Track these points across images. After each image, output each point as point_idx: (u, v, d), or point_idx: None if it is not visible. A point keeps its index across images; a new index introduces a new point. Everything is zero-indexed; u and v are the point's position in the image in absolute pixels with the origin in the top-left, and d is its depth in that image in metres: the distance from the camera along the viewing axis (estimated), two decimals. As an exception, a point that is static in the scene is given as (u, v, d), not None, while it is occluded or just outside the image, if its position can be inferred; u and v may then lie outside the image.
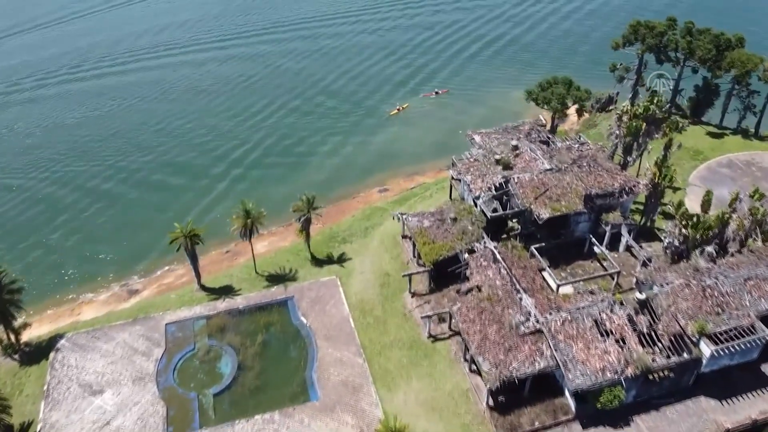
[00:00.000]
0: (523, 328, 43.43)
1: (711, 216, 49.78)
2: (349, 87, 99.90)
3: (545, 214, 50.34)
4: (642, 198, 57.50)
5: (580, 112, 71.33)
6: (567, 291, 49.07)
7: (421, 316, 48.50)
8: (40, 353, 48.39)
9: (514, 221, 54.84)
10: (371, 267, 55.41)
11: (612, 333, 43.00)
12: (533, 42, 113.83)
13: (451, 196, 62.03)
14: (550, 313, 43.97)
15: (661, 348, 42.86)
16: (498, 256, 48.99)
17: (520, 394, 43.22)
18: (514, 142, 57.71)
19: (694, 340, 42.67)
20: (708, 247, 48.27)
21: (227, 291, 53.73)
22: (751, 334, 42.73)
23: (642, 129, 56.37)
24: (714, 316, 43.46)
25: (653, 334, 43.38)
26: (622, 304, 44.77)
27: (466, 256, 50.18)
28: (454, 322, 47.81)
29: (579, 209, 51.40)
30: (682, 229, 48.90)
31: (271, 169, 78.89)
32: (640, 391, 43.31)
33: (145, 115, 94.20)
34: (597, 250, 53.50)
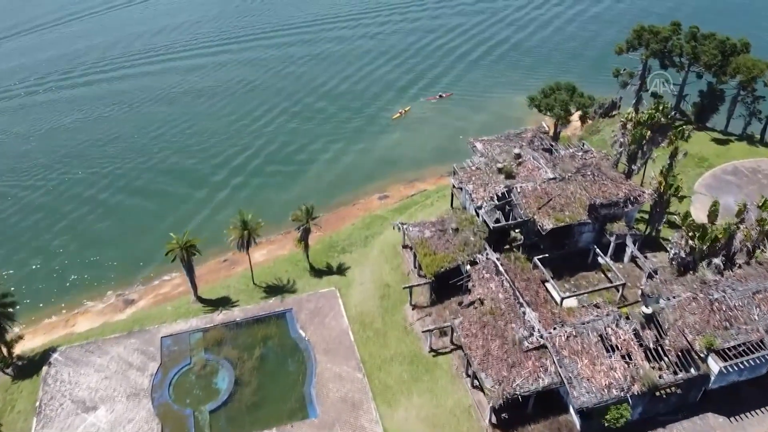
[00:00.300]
0: (526, 344, 42.47)
1: (718, 227, 48.68)
2: (350, 92, 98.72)
3: (549, 224, 49.26)
4: (647, 206, 56.44)
5: (584, 119, 70.24)
6: (571, 304, 48.10)
7: (422, 330, 47.47)
8: (33, 367, 47.45)
9: (517, 231, 53.79)
10: (371, 278, 54.41)
11: (618, 348, 42.00)
12: (535, 46, 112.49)
13: (452, 204, 61.04)
14: (554, 328, 42.98)
15: (668, 364, 41.84)
16: (501, 268, 48.00)
17: (523, 411, 42.18)
18: (516, 150, 56.70)
19: (701, 355, 41.64)
20: (715, 259, 47.25)
21: (224, 303, 52.76)
22: (761, 349, 41.63)
23: (647, 137, 55.34)
24: (722, 330, 42.41)
25: (660, 349, 42.36)
26: (628, 318, 43.79)
27: (468, 267, 49.20)
28: (455, 336, 46.81)
29: (583, 219, 50.36)
30: (689, 240, 47.89)
31: (270, 175, 77.87)
32: (646, 408, 42.28)
33: (144, 120, 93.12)
34: (601, 260, 52.46)
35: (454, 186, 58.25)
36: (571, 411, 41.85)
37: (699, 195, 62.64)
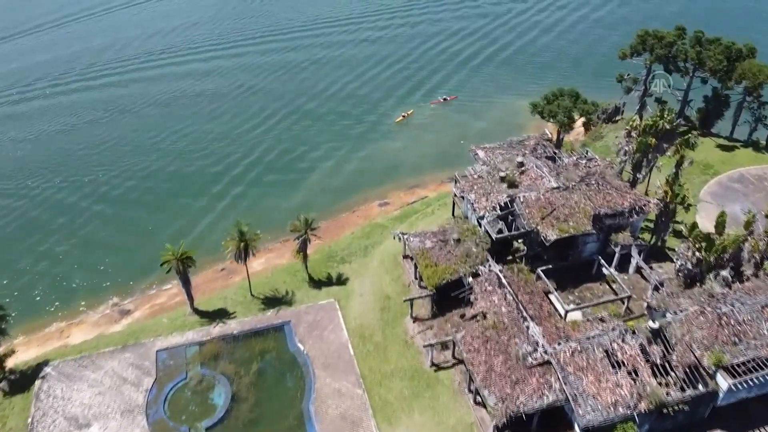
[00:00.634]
0: (530, 359, 41.43)
1: (726, 238, 47.63)
2: (351, 97, 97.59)
3: (552, 235, 48.26)
4: (652, 216, 55.41)
5: (588, 126, 69.24)
6: (576, 317, 47.15)
7: (424, 345, 46.38)
8: (26, 382, 46.37)
9: (520, 242, 52.77)
10: (371, 289, 53.36)
11: (624, 364, 40.90)
12: (537, 51, 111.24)
13: (453, 213, 60.05)
14: (559, 343, 41.89)
15: (675, 380, 40.80)
16: (503, 281, 46.95)
17: (527, 429, 41.04)
18: (519, 158, 55.71)
19: (710, 372, 40.61)
20: (723, 272, 46.25)
21: (221, 315, 51.69)
22: (771, 366, 40.62)
23: (652, 145, 54.30)
24: (731, 346, 41.31)
25: (667, 365, 41.32)
26: (634, 332, 42.72)
27: (470, 279, 48.16)
28: (457, 351, 45.75)
29: (587, 230, 49.34)
30: (696, 252, 46.87)
31: (270, 182, 76.82)
32: (653, 426, 41.19)
33: (143, 125, 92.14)
34: (606, 271, 51.47)
35: (456, 195, 57.25)
36: (576, 429, 40.65)
37: (704, 203, 61.64)
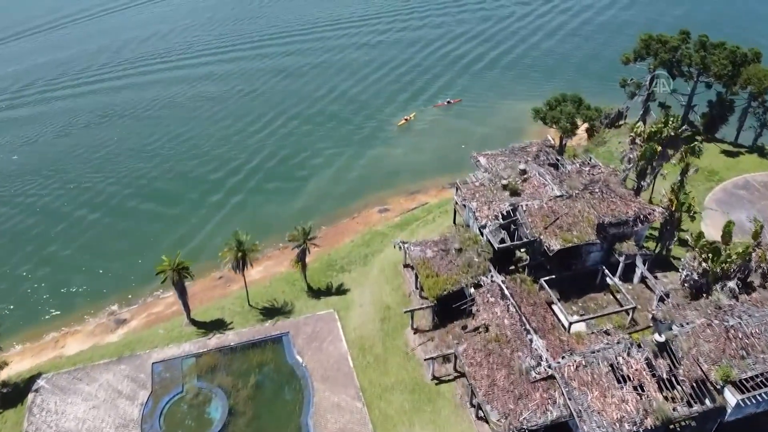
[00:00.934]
0: (534, 374, 40.53)
1: (733, 247, 46.70)
2: (351, 101, 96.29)
3: (556, 245, 47.35)
4: (657, 223, 54.49)
5: (591, 132, 68.32)
6: (580, 328, 46.33)
7: (425, 358, 45.45)
8: (19, 395, 45.43)
9: (522, 251, 51.87)
10: (371, 299, 52.44)
11: (630, 379, 40.02)
12: (538, 55, 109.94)
13: (455, 220, 59.13)
14: (563, 357, 41.03)
15: (682, 395, 39.91)
16: (506, 292, 46.03)
17: (531, 445, 40.24)
18: (521, 165, 54.80)
19: (717, 387, 39.68)
20: (730, 283, 45.30)
21: (218, 326, 50.75)
22: (780, 381, 39.68)
23: (657, 152, 53.41)
24: (738, 360, 40.38)
25: (673, 379, 40.42)
26: (639, 346, 41.83)
27: (472, 290, 47.25)
28: (459, 364, 44.84)
29: (591, 240, 48.46)
30: (702, 262, 45.95)
31: (269, 187, 75.64)
32: (659, 442, 40.33)
33: (139, 130, 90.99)
34: (610, 281, 50.58)
35: (457, 202, 56.36)
36: (581, 445, 39.90)
37: (709, 210, 60.75)
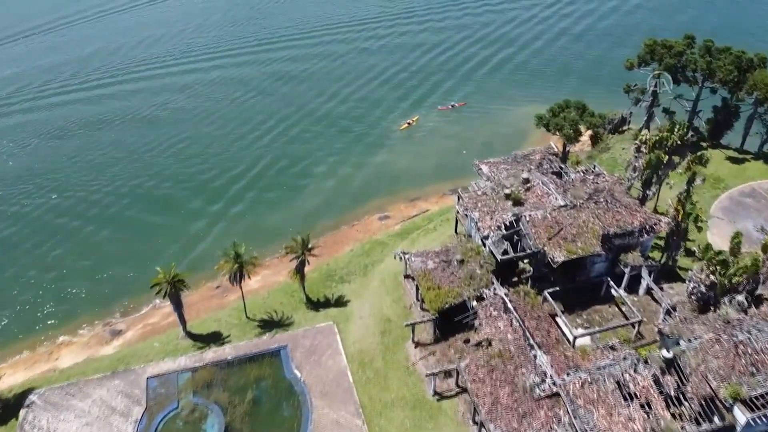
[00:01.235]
0: (538, 391, 39.46)
1: (741, 259, 45.60)
2: (350, 107, 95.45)
3: (560, 257, 46.30)
4: (663, 233, 53.38)
5: (595, 140, 67.26)
6: (585, 341, 45.32)
7: (426, 374, 44.32)
8: (10, 411, 44.46)
9: (526, 262, 50.79)
10: (371, 311, 51.34)
11: (636, 396, 38.90)
12: (540, 59, 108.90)
13: (456, 230, 58.10)
14: (568, 374, 39.88)
15: (690, 412, 38.84)
16: (509, 305, 44.96)
17: (535, 465, 39.15)
18: (524, 174, 53.72)
19: (727, 405, 38.61)
20: (739, 296, 44.21)
21: (215, 339, 49.68)
22: (791, 399, 38.59)
23: (663, 161, 52.35)
24: (748, 377, 39.29)
25: (681, 396, 39.35)
26: (646, 362, 40.75)
27: (474, 304, 46.17)
28: (461, 379, 43.76)
29: (596, 251, 47.37)
30: (710, 275, 44.86)
31: (267, 194, 74.80)
32: (667, 462, 39.20)
33: (136, 135, 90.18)
34: (615, 293, 49.54)
35: (459, 212, 55.32)
36: (587, 466, 38.80)
37: (715, 219, 59.67)
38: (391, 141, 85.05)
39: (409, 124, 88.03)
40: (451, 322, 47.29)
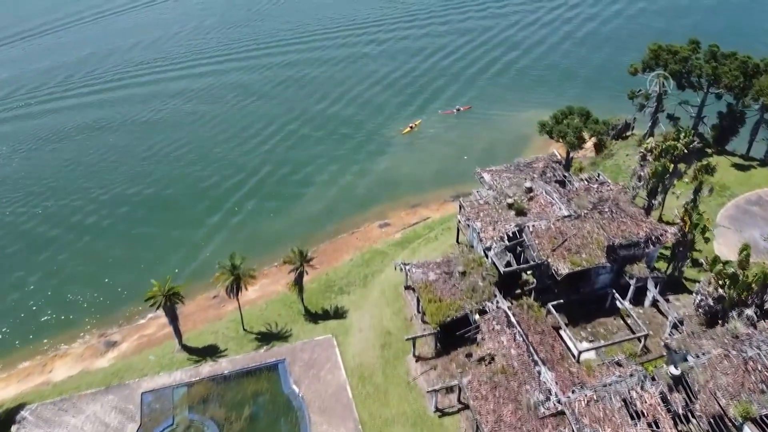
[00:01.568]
0: (542, 410, 38.35)
1: (750, 272, 44.52)
2: (352, 112, 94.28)
3: (564, 269, 45.30)
4: (668, 243, 52.29)
5: (599, 147, 66.20)
6: (589, 355, 44.34)
7: (427, 390, 43.26)
8: (1, 427, 43.32)
9: (529, 273, 49.74)
10: (371, 323, 50.27)
11: (644, 415, 37.83)
12: (542, 64, 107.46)
13: (458, 239, 57.05)
14: (573, 391, 38.81)
15: (698, 430, 37.81)
16: (512, 319, 43.91)
17: (539, 485, 38.11)
18: (527, 183, 52.70)
19: (736, 423, 37.56)
20: (748, 310, 43.15)
21: (211, 352, 48.59)
22: (802, 417, 37.56)
23: (669, 169, 51.31)
24: (758, 394, 38.24)
25: (689, 414, 38.31)
26: (653, 379, 39.72)
27: (477, 317, 45.12)
28: (464, 395, 42.70)
29: (601, 263, 46.38)
30: (718, 288, 43.83)
31: (266, 201, 73.69)
32: (675, 482, 38.19)
33: (132, 140, 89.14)
34: (620, 305, 48.51)
35: (461, 221, 54.27)
36: (593, 487, 37.76)
37: (721, 228, 58.60)
38: (392, 146, 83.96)
39: (411, 128, 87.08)
40: (453, 335, 46.26)
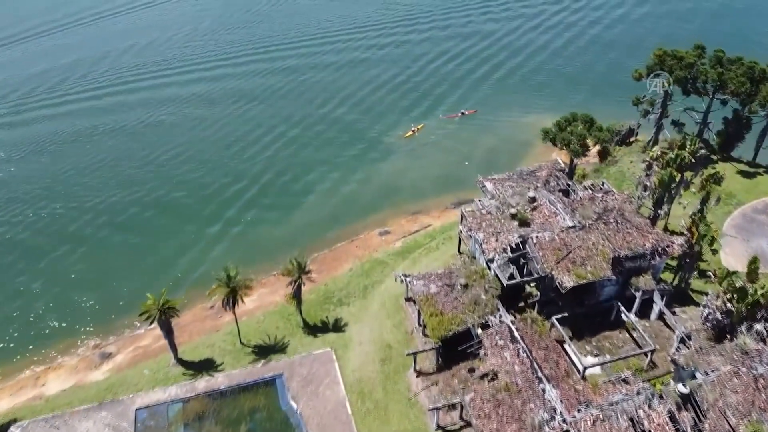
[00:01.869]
0: (547, 429, 37.21)
1: (760, 285, 43.44)
2: (353, 116, 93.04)
3: (569, 282, 44.19)
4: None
5: (603, 155, 65.09)
6: (595, 370, 43.28)
7: (429, 408, 42.19)
8: (-9, 444, 42.44)
9: (533, 286, 48.65)
10: (371, 336, 49.15)
11: (651, 435, 36.85)
12: (546, 69, 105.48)
13: (459, 249, 55.98)
14: (579, 410, 37.69)
15: (708, 451, 36.75)
16: (516, 334, 42.81)
17: (544, 508, 37.03)
18: (531, 192, 51.61)
19: (747, 444, 36.49)
20: (757, 325, 42.05)
21: (207, 366, 47.46)
22: (815, 438, 36.45)
23: (676, 179, 50.22)
24: (769, 413, 37.32)
25: (698, 434, 37.25)
26: (661, 397, 38.61)
27: (480, 332, 44.02)
28: (466, 413, 41.61)
29: (607, 276, 45.28)
30: (726, 302, 42.73)
31: (265, 208, 72.37)
32: (684, 505, 37.08)
33: (129, 146, 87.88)
34: (626, 318, 47.40)
35: (462, 232, 53.17)
36: None
37: (728, 237, 57.47)
38: (393, 152, 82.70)
39: (413, 131, 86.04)
40: (455, 349, 45.16)
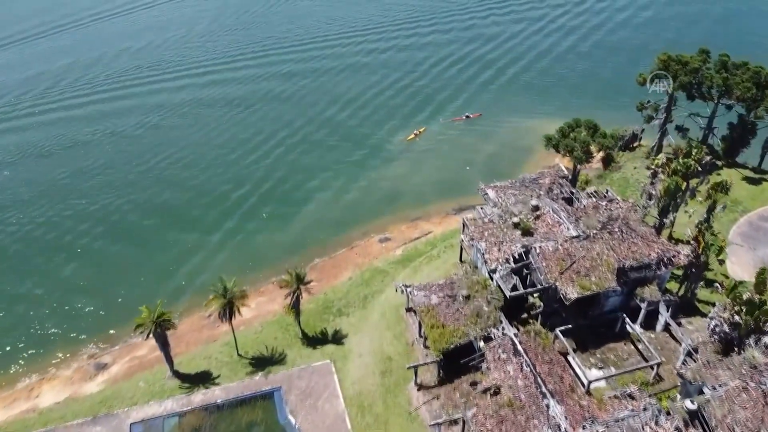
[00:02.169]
0: (552, 447, 36.42)
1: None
2: (354, 120, 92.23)
3: (573, 293, 43.29)
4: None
5: (607, 161, 64.17)
6: (599, 384, 42.37)
7: (430, 424, 41.28)
8: (-18, 460, 41.57)
9: (536, 296, 47.76)
10: (371, 348, 48.23)
11: (658, 452, 35.94)
12: (549, 73, 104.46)
13: (461, 258, 55.07)
14: (584, 427, 36.80)
15: (716, 469, 35.84)
16: (519, 348, 41.86)
17: None
18: (534, 201, 50.66)
19: (757, 462, 35.57)
20: (766, 338, 41.09)
21: (204, 379, 46.59)
22: (826, 456, 35.54)
23: (682, 187, 49.29)
24: (779, 430, 36.38)
25: (706, 452, 36.33)
26: (668, 413, 37.70)
27: (482, 344, 43.10)
28: (468, 430, 40.67)
29: (611, 287, 44.38)
30: (734, 314, 41.79)
31: (266, 214, 71.54)
32: None
33: (128, 150, 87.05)
34: (631, 329, 46.46)
35: (464, 241, 52.27)
36: None
37: (734, 246, 56.50)
38: (394, 157, 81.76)
39: (415, 135, 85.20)
40: (457, 362, 44.24)
